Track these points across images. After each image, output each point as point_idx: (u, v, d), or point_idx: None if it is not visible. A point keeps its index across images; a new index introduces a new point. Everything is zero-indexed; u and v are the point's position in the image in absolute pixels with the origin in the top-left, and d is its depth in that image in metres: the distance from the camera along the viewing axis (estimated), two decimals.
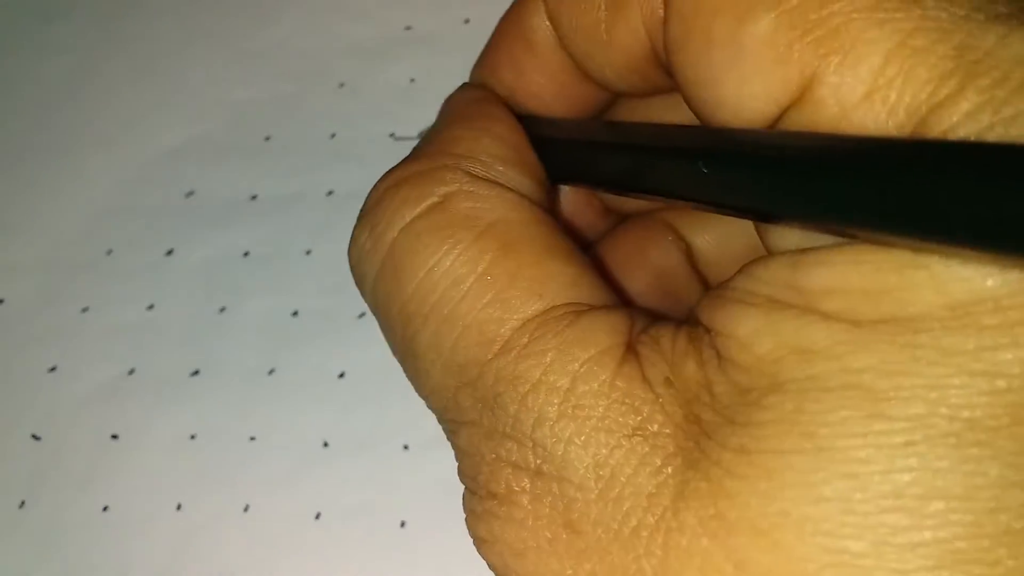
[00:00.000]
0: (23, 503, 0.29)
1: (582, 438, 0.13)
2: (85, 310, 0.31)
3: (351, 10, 0.34)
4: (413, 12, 0.34)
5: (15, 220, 0.33)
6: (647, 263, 0.19)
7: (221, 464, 0.29)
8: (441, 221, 0.14)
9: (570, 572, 0.13)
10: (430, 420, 0.28)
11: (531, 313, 0.14)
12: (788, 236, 0.13)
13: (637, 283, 0.19)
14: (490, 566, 0.14)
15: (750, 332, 0.12)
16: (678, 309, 0.18)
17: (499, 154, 0.16)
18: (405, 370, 0.16)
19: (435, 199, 0.15)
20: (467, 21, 0.34)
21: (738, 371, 0.12)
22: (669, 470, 0.12)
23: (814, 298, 0.12)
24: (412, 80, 0.33)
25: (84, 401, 0.30)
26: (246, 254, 0.31)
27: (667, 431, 0.12)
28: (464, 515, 0.14)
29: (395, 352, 0.16)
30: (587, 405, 0.13)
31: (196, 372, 0.30)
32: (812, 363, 0.12)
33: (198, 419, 0.29)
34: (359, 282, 0.16)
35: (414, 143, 0.33)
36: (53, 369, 0.30)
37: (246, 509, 0.28)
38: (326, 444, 0.29)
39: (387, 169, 0.31)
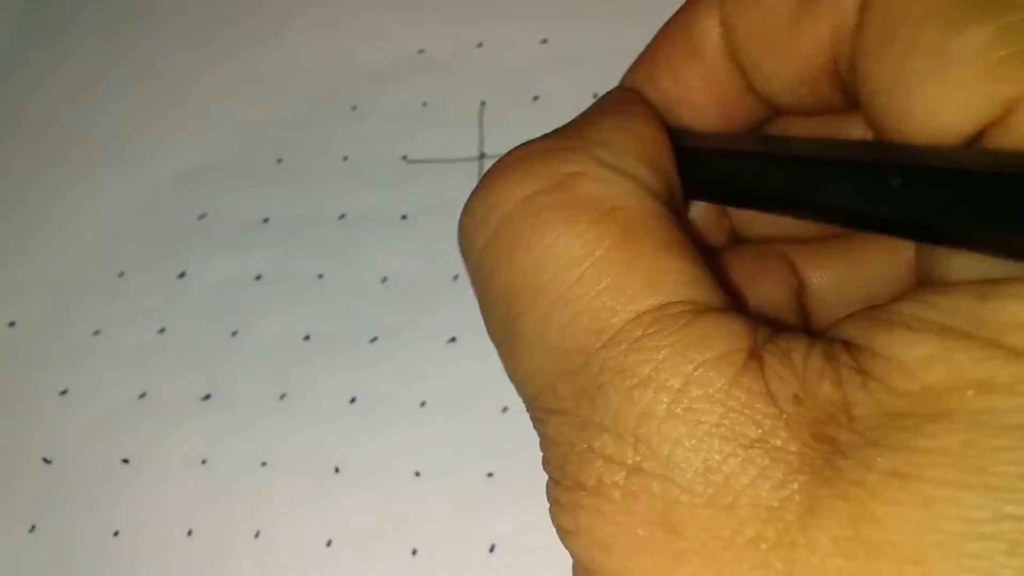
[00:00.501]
0: (33, 527, 0.29)
1: (692, 441, 0.12)
2: (96, 333, 0.31)
3: (364, 33, 0.34)
4: (426, 36, 0.34)
5: (27, 241, 0.33)
6: (756, 292, 0.18)
7: (232, 489, 0.29)
8: (562, 200, 0.14)
9: (665, 570, 0.12)
10: (440, 447, 0.29)
11: (646, 307, 0.13)
12: (967, 267, 0.13)
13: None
14: (574, 558, 0.13)
15: (920, 357, 0.12)
16: None
17: (633, 148, 0.15)
18: (500, 350, 0.15)
19: (560, 177, 0.14)
20: (480, 45, 0.34)
21: (892, 395, 0.12)
22: (795, 485, 0.12)
23: (1001, 331, 0.12)
24: (424, 104, 0.33)
25: (95, 424, 0.30)
26: (258, 277, 0.31)
27: (792, 448, 0.12)
28: (548, 505, 0.14)
29: (491, 330, 0.15)
30: (700, 409, 0.12)
31: (207, 396, 0.30)
32: (990, 398, 0.11)
33: (209, 444, 0.29)
34: (465, 250, 0.15)
35: (427, 166, 0.33)
36: (64, 392, 0.30)
37: (257, 535, 0.28)
38: (337, 470, 0.29)
39: (398, 191, 0.32)
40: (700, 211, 0.18)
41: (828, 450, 0.12)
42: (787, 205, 0.15)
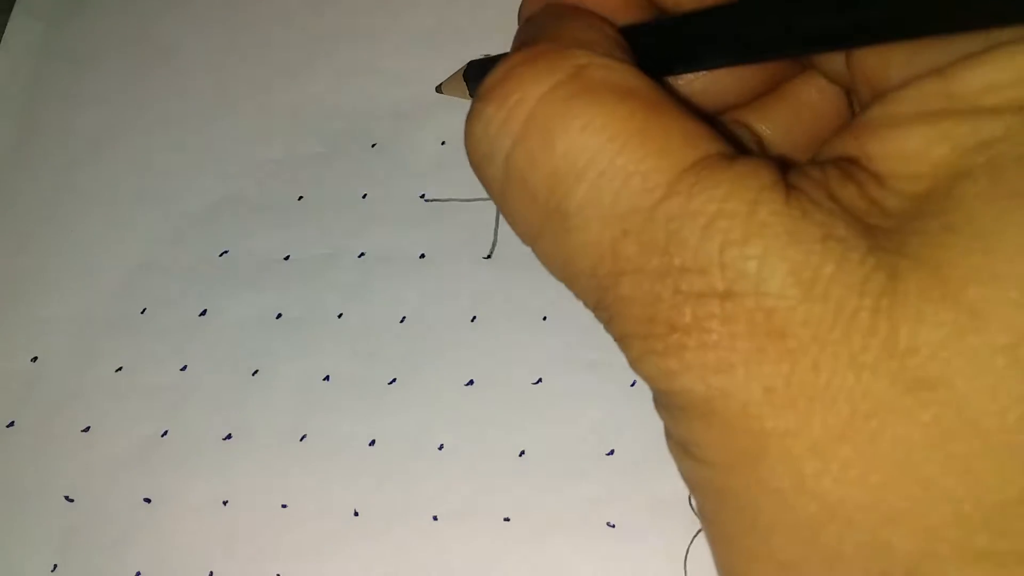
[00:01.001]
0: (55, 566, 0.29)
1: (775, 251, 0.13)
2: (119, 370, 0.31)
3: (384, 72, 0.34)
4: (445, 74, 0.34)
5: (49, 278, 0.33)
6: None
7: (253, 531, 0.29)
8: (584, 87, 0.15)
9: (786, 370, 0.13)
10: (458, 491, 0.29)
11: (691, 160, 0.14)
12: (916, 61, 0.14)
13: None
14: (683, 395, 0.14)
15: (919, 144, 0.13)
16: None
17: (608, 40, 0.17)
18: (541, 240, 0.16)
19: (571, 69, 0.15)
20: None
21: (908, 181, 0.13)
22: (872, 260, 0.13)
23: (975, 99, 0.13)
24: (443, 143, 0.34)
25: (118, 463, 0.30)
26: (279, 316, 0.32)
27: (855, 234, 0.13)
28: (632, 362, 0.15)
29: (528, 225, 0.16)
30: (771, 223, 0.13)
31: (228, 436, 0.30)
32: (994, 147, 0.13)
33: (230, 484, 0.29)
34: (483, 160, 0.16)
35: (444, 205, 0.33)
36: (87, 429, 0.31)
37: None
38: (357, 513, 0.29)
39: (416, 230, 0.32)
40: None
41: (880, 234, 0.13)
42: (743, 54, 0.17)
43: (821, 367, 0.13)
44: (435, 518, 0.29)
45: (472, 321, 0.31)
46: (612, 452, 0.29)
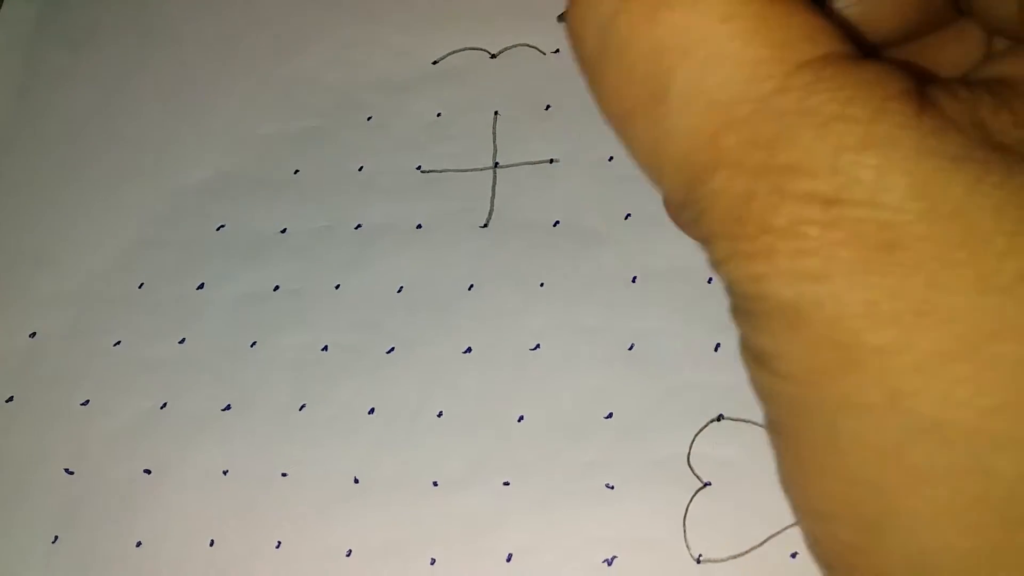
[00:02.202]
0: (56, 538, 0.29)
1: (897, 163, 0.12)
2: (117, 344, 0.31)
3: (378, 46, 0.35)
4: (439, 48, 0.34)
5: (46, 254, 0.33)
6: None
7: (253, 500, 0.29)
8: None
9: (894, 283, 0.12)
10: (457, 457, 0.29)
11: (811, 55, 0.13)
12: None
13: None
14: (769, 300, 0.13)
15: None
16: None
17: None
18: (633, 120, 0.14)
19: None
20: (493, 56, 0.34)
21: None
22: (1014, 184, 0.12)
23: None
24: (438, 115, 0.34)
25: (117, 435, 0.30)
26: (276, 288, 0.32)
27: (996, 158, 0.12)
28: (715, 264, 0.14)
29: (624, 101, 0.15)
30: (896, 136, 0.12)
31: (228, 407, 0.30)
32: None
33: (230, 454, 0.30)
34: (580, 28, 0.15)
35: (440, 176, 0.33)
36: (86, 403, 0.31)
37: (278, 546, 0.28)
38: (356, 481, 0.29)
39: (413, 201, 0.32)
40: None
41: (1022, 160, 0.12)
42: None
43: (939, 284, 0.12)
44: (435, 484, 0.29)
45: (469, 289, 0.31)
46: (610, 415, 0.29)
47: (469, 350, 0.30)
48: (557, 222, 0.31)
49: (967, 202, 0.12)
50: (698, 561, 0.27)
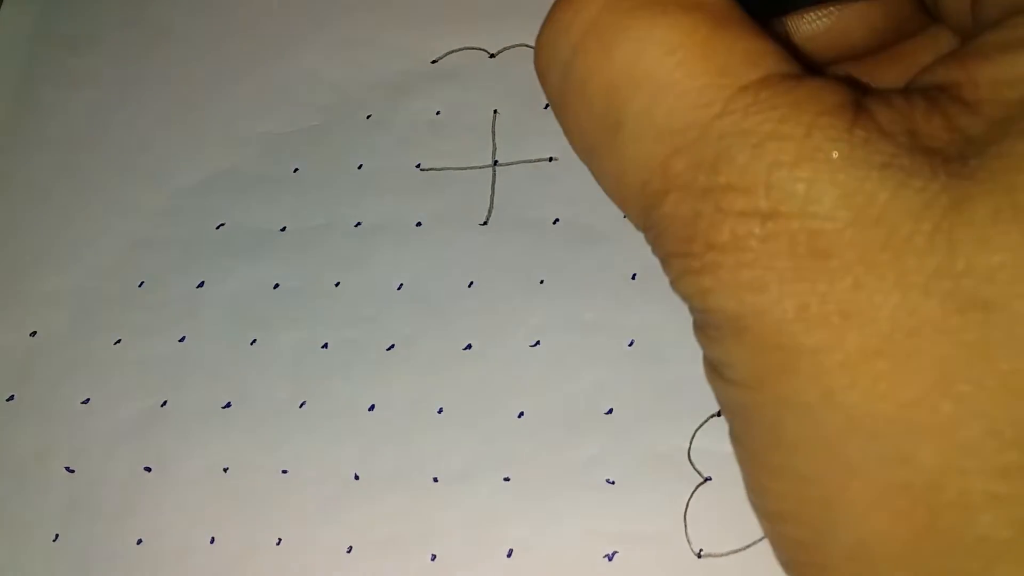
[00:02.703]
0: (57, 536, 0.29)
1: (826, 175, 0.13)
2: (118, 342, 0.32)
3: (378, 44, 0.35)
4: (439, 47, 0.35)
5: (47, 253, 0.33)
6: None
7: (253, 497, 0.29)
8: None
9: (823, 288, 0.13)
10: (458, 453, 0.29)
11: (752, 78, 0.14)
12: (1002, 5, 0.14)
13: None
14: (716, 312, 0.14)
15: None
16: None
17: None
18: (595, 153, 0.15)
19: None
20: (492, 56, 0.34)
21: (1000, 107, 0.13)
22: (935, 187, 0.13)
23: None
24: (438, 113, 0.34)
25: (117, 433, 0.30)
26: (276, 286, 0.32)
27: (921, 162, 0.13)
28: (672, 282, 0.15)
29: (584, 136, 0.16)
30: (828, 148, 0.13)
31: (228, 405, 0.30)
32: None
33: (230, 452, 0.30)
34: (546, 68, 0.16)
35: (440, 174, 0.33)
36: (86, 401, 0.31)
37: (279, 542, 0.28)
38: (357, 477, 0.29)
39: (412, 199, 0.32)
40: None
41: (955, 160, 0.13)
42: None
43: (864, 285, 0.13)
44: (435, 480, 0.29)
45: (469, 287, 0.31)
46: (611, 411, 0.29)
47: (469, 347, 0.30)
48: (557, 219, 0.31)
49: (891, 207, 0.13)
50: (699, 556, 0.27)
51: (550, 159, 0.32)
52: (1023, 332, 0.12)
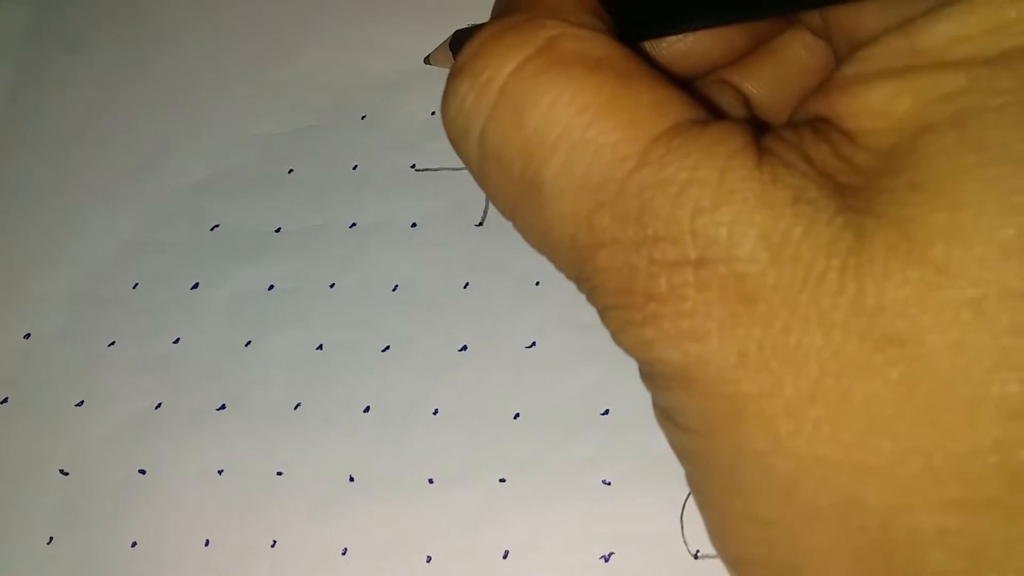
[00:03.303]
0: (52, 539, 0.29)
1: (744, 217, 0.13)
2: (112, 344, 0.31)
3: (372, 44, 0.35)
4: (436, 45, 0.34)
5: (40, 254, 0.33)
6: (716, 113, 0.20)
7: (248, 499, 0.29)
8: (553, 60, 0.15)
9: (759, 333, 0.13)
10: (453, 455, 0.29)
11: (661, 129, 0.14)
12: (886, 16, 0.15)
13: None
14: (661, 363, 0.14)
15: (884, 99, 0.14)
16: None
17: (584, 5, 0.17)
18: (519, 213, 0.16)
19: (541, 42, 0.15)
20: None
21: (877, 137, 0.14)
22: (840, 220, 0.13)
23: (938, 53, 0.13)
24: (433, 113, 0.34)
25: (112, 436, 0.30)
26: (271, 288, 0.32)
27: (825, 195, 0.13)
28: (613, 334, 0.15)
29: (506, 198, 0.16)
30: (741, 189, 0.13)
31: (223, 406, 0.30)
32: (958, 100, 0.13)
33: (225, 454, 0.29)
34: (459, 137, 0.16)
35: (436, 174, 0.33)
36: (80, 404, 0.31)
37: (273, 545, 0.28)
38: (352, 479, 0.29)
39: (408, 200, 0.32)
40: None
41: (850, 193, 0.13)
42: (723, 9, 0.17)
43: (791, 329, 0.13)
44: (431, 481, 0.29)
45: (465, 288, 0.31)
46: (607, 412, 0.29)
47: (465, 348, 0.30)
48: None
49: (804, 244, 0.13)
50: (696, 556, 0.27)
51: None
52: (939, 367, 0.12)
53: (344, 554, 0.28)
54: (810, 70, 0.20)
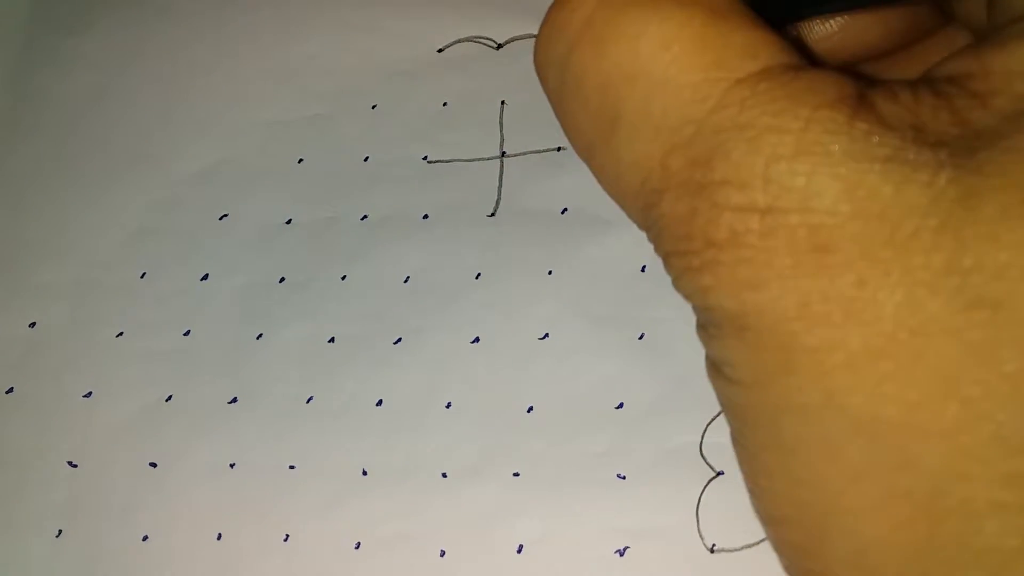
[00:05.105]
0: (60, 532, 0.29)
1: (826, 169, 0.13)
2: (120, 335, 0.31)
3: (383, 32, 0.34)
4: (445, 36, 0.34)
5: (47, 243, 0.33)
6: None
7: (260, 493, 0.29)
8: None
9: (825, 284, 0.13)
10: (467, 448, 0.29)
11: (749, 71, 0.14)
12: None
13: None
14: (719, 311, 0.14)
15: None
16: None
17: None
18: (593, 152, 0.15)
19: None
20: (499, 46, 0.34)
21: (1006, 99, 0.13)
22: (943, 181, 0.12)
23: None
24: (444, 104, 0.33)
25: (121, 428, 0.30)
26: (282, 280, 0.31)
27: (926, 156, 0.12)
28: (673, 281, 0.14)
29: (582, 135, 0.15)
30: (827, 141, 0.13)
31: (234, 400, 0.30)
32: None
33: (237, 447, 0.29)
34: (543, 66, 0.15)
35: (447, 166, 0.33)
36: (88, 395, 0.30)
37: (286, 539, 0.28)
38: (365, 472, 0.29)
39: (419, 192, 0.32)
40: None
41: (962, 152, 0.12)
42: None
43: (866, 282, 0.12)
44: (444, 475, 0.28)
45: (477, 278, 0.31)
46: (621, 405, 0.28)
47: (477, 340, 0.30)
48: (565, 210, 0.31)
49: (895, 202, 0.12)
50: (712, 551, 0.27)
51: (558, 149, 0.32)
52: None
53: (357, 548, 0.28)
54: None
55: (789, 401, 0.13)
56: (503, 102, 0.33)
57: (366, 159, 0.33)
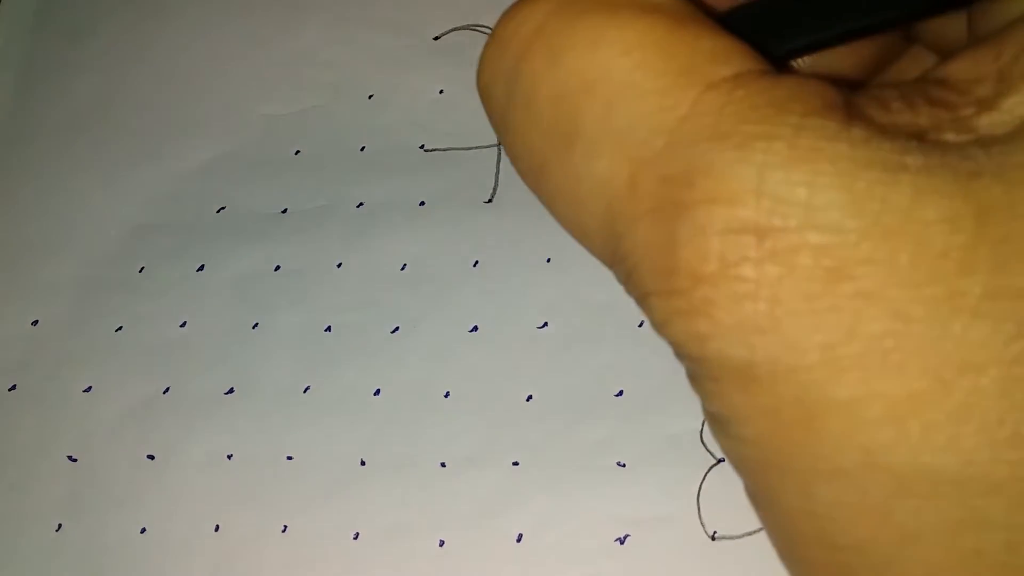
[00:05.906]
0: (60, 526, 0.29)
1: (829, 178, 0.11)
2: (119, 329, 0.31)
3: (379, 22, 0.34)
4: (441, 24, 0.34)
5: (47, 239, 0.33)
6: None
7: (258, 484, 0.28)
8: (600, 0, 0.13)
9: (849, 320, 0.11)
10: (465, 437, 0.28)
11: (722, 76, 0.12)
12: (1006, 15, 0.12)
13: None
14: (720, 361, 0.11)
15: None
16: None
17: None
18: (546, 175, 0.13)
19: None
20: None
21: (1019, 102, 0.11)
22: (961, 190, 0.11)
23: None
24: (441, 92, 0.33)
25: (120, 421, 0.30)
26: (277, 269, 0.31)
27: (938, 163, 0.11)
28: (657, 328, 0.12)
29: (534, 153, 0.13)
30: (824, 147, 0.11)
31: (231, 390, 0.30)
32: None
33: (234, 438, 0.29)
34: (488, 84, 0.14)
35: (444, 154, 0.33)
36: (88, 390, 0.30)
37: (284, 530, 0.28)
38: (363, 463, 0.28)
39: (416, 179, 0.31)
40: None
41: (978, 162, 0.11)
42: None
43: (899, 314, 0.11)
44: (443, 465, 0.28)
45: (474, 266, 0.30)
46: (621, 393, 0.28)
47: (475, 328, 0.30)
48: None
49: (914, 214, 0.11)
50: (713, 538, 0.26)
51: None
52: None
53: (356, 539, 0.28)
54: None
55: (822, 465, 0.11)
56: None
57: (363, 148, 0.33)
